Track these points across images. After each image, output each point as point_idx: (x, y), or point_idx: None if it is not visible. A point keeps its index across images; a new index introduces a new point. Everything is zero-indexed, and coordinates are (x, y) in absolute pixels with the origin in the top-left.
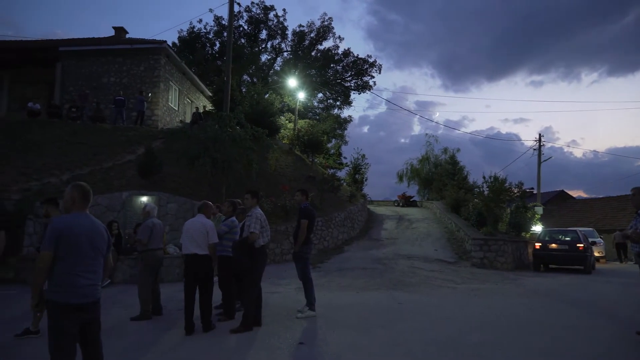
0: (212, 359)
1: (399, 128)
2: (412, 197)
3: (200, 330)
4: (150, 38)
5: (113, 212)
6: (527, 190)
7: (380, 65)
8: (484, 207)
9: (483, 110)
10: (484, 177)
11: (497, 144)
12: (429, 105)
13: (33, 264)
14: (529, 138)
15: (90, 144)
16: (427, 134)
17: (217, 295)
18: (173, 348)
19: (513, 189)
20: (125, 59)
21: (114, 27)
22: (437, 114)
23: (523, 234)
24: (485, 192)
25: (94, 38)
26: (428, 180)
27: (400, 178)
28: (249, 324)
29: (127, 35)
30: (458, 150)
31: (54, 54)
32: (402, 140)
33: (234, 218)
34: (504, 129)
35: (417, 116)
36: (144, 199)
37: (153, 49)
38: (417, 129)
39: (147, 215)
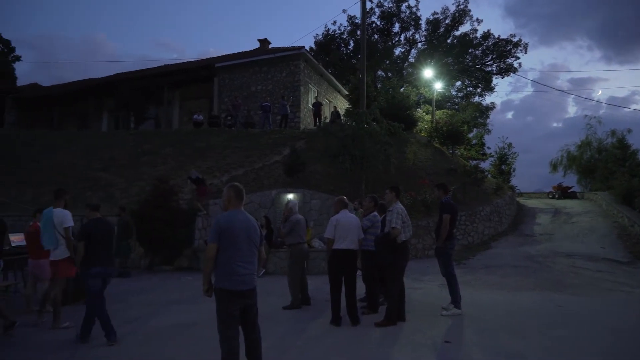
0: (358, 350)
1: (550, 111)
2: (570, 187)
3: (346, 322)
4: (290, 45)
5: (264, 208)
6: None
7: (526, 44)
8: None
9: None
10: None
11: None
12: (586, 83)
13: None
14: None
15: (244, 147)
16: (586, 116)
17: (360, 289)
18: (322, 336)
19: None
20: (269, 68)
21: (258, 40)
22: (600, 91)
23: None
24: None
25: (242, 52)
26: (589, 169)
27: (554, 167)
28: (393, 318)
29: (270, 46)
30: (629, 131)
31: (211, 71)
32: (554, 125)
33: (375, 213)
34: None
35: (572, 96)
36: (290, 196)
37: (293, 55)
38: (572, 110)
39: (290, 211)
